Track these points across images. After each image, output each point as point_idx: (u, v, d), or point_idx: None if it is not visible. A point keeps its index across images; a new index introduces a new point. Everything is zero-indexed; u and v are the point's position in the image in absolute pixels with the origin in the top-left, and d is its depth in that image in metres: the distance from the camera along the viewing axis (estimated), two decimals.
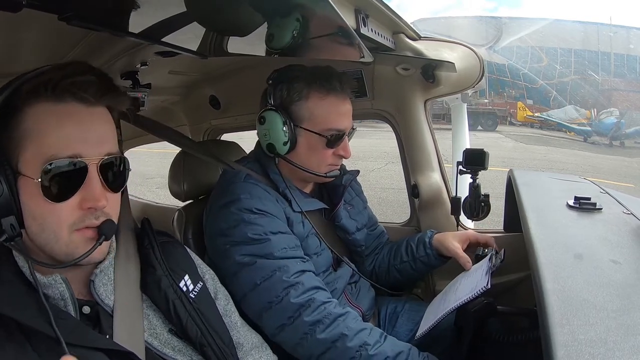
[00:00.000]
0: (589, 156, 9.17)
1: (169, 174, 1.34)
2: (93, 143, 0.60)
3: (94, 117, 0.61)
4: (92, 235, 0.61)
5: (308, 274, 0.96)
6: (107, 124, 0.64)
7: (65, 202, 0.59)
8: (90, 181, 0.59)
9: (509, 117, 13.41)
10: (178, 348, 0.69)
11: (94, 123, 0.61)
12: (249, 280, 0.93)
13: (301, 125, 1.02)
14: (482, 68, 1.32)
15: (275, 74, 1.05)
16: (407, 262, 1.22)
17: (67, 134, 0.59)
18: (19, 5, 0.50)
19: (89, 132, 0.60)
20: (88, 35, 0.83)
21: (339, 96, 1.04)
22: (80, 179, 0.59)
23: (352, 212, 1.22)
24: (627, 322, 0.48)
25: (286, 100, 1.02)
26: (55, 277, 0.60)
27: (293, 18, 0.74)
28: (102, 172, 0.60)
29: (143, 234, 0.75)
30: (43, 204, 0.58)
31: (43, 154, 0.57)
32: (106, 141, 0.62)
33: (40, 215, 0.59)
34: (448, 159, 1.56)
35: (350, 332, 0.90)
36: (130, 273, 0.69)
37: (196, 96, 1.77)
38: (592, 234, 0.78)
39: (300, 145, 1.04)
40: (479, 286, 0.92)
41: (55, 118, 0.59)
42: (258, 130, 1.06)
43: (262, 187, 1.02)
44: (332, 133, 1.03)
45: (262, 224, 0.96)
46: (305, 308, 0.91)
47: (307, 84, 1.01)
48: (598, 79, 13.11)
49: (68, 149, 0.58)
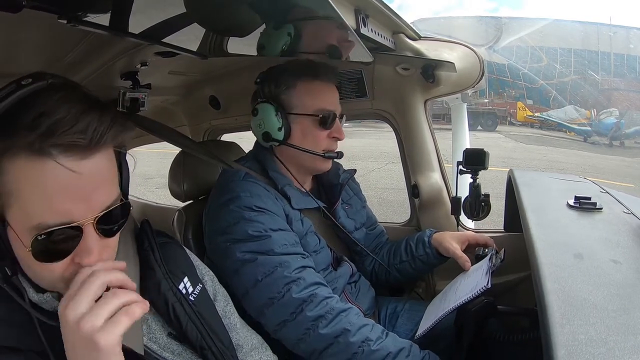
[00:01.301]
0: (589, 156, 9.18)
1: (169, 174, 1.34)
2: (86, 202, 0.52)
3: (86, 170, 0.51)
4: None
5: (309, 270, 0.96)
6: (103, 170, 0.54)
7: (57, 262, 0.54)
8: (85, 241, 0.53)
9: (509, 117, 13.43)
10: (177, 352, 0.68)
11: (85, 178, 0.51)
12: (250, 277, 0.93)
13: (293, 112, 1.05)
14: (482, 68, 1.32)
15: (261, 75, 1.10)
16: (407, 261, 1.22)
17: (55, 197, 0.50)
18: (19, 6, 0.50)
19: (81, 190, 0.51)
20: (88, 35, 0.83)
21: (325, 81, 1.08)
22: (76, 242, 0.53)
23: (349, 211, 1.23)
24: (627, 322, 0.48)
25: (275, 92, 1.06)
26: (47, 295, 0.57)
27: (284, 32, 0.76)
28: (98, 227, 0.54)
29: (142, 235, 0.74)
30: (35, 262, 0.53)
31: (29, 221, 0.50)
32: (102, 194, 0.54)
33: (31, 267, 0.55)
34: (448, 159, 1.56)
35: (352, 328, 0.90)
36: (130, 276, 0.68)
37: (196, 96, 1.77)
38: (592, 233, 0.78)
39: (295, 132, 1.06)
40: (479, 286, 0.92)
41: (39, 177, 0.49)
42: (252, 124, 1.08)
43: (261, 185, 1.03)
44: (323, 113, 1.06)
45: (262, 221, 0.96)
46: (307, 303, 0.91)
47: (294, 74, 1.06)
48: (598, 79, 13.12)
49: (57, 216, 0.50)
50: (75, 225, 0.52)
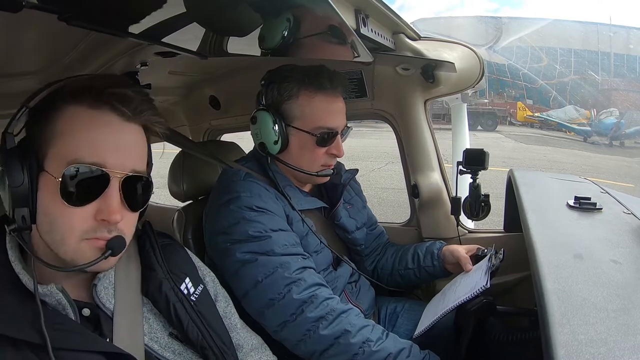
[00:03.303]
0: (589, 156, 9.18)
1: (169, 174, 1.34)
2: (120, 156, 0.59)
3: (126, 131, 0.61)
4: (101, 246, 0.59)
5: (309, 271, 0.96)
6: (139, 141, 0.63)
7: (80, 207, 0.58)
8: (109, 193, 0.58)
9: (509, 117, 13.44)
10: (178, 351, 0.68)
11: (125, 137, 0.61)
12: (250, 277, 0.93)
13: (292, 125, 1.03)
14: (482, 68, 1.32)
15: (267, 75, 1.06)
16: (412, 269, 1.23)
17: (96, 141, 0.58)
18: (19, 6, 0.50)
19: (118, 144, 0.60)
20: (88, 35, 0.83)
21: (329, 94, 1.03)
22: (100, 189, 0.58)
23: (351, 211, 1.23)
24: (627, 322, 0.48)
25: (277, 100, 1.03)
26: (51, 287, 0.58)
27: (283, 18, 0.74)
28: (123, 188, 0.59)
29: (144, 236, 0.75)
30: (58, 205, 0.57)
31: (68, 155, 0.57)
32: (134, 158, 0.62)
33: (52, 215, 0.58)
34: (448, 159, 1.56)
35: (353, 329, 0.90)
36: (131, 276, 0.69)
37: (196, 96, 1.77)
38: (592, 233, 0.78)
39: (293, 145, 1.04)
40: (478, 285, 0.92)
41: (88, 123, 0.58)
42: (251, 130, 1.07)
43: (261, 185, 1.02)
44: (322, 131, 1.03)
45: (263, 221, 0.96)
46: (308, 304, 0.91)
47: (297, 83, 1.02)
48: (598, 79, 13.13)
49: (93, 156, 0.58)
50: (105, 172, 0.58)
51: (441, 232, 1.42)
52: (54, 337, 0.54)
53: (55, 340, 0.54)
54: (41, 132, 0.59)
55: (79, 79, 0.60)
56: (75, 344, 0.57)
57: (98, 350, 0.58)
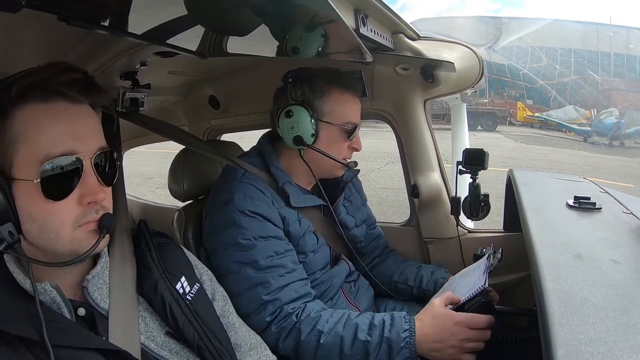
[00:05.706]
0: (589, 156, 9.18)
1: (169, 174, 1.34)
2: (84, 139, 0.61)
3: (81, 114, 0.62)
4: (93, 228, 0.61)
5: (288, 288, 0.98)
6: (94, 119, 0.65)
7: (64, 200, 0.59)
8: (86, 176, 0.60)
9: (508, 117, 13.43)
10: (175, 350, 0.68)
11: (82, 120, 0.62)
12: (233, 287, 0.95)
13: (323, 119, 1.07)
14: (481, 68, 1.32)
15: (293, 73, 1.09)
16: (412, 287, 1.26)
17: (59, 132, 0.59)
18: (19, 6, 0.50)
19: (79, 128, 0.61)
20: (88, 35, 0.83)
21: (354, 94, 1.13)
22: (77, 176, 0.60)
23: (350, 208, 1.24)
24: (627, 322, 0.48)
25: (310, 97, 1.07)
26: (45, 285, 0.59)
27: (318, 34, 0.79)
28: (95, 167, 0.61)
29: (139, 235, 0.75)
30: (43, 205, 0.58)
31: (37, 154, 0.57)
32: (96, 136, 0.63)
33: (40, 217, 0.58)
34: (448, 159, 1.56)
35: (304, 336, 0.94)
36: (126, 275, 0.69)
37: (196, 96, 1.77)
38: (592, 233, 0.78)
39: (322, 139, 1.08)
40: (476, 285, 0.92)
41: (46, 118, 0.59)
42: (282, 124, 1.07)
43: (258, 187, 1.03)
44: (350, 126, 1.10)
45: (252, 228, 0.98)
46: (276, 320, 0.95)
47: (328, 82, 1.08)
48: (598, 79, 13.13)
49: (61, 147, 0.58)
50: (78, 157, 0.59)
51: (441, 232, 1.42)
52: (50, 335, 0.54)
53: (52, 338, 0.54)
54: (0, 143, 0.59)
55: (17, 78, 0.59)
56: (71, 342, 0.57)
57: (94, 348, 0.59)
